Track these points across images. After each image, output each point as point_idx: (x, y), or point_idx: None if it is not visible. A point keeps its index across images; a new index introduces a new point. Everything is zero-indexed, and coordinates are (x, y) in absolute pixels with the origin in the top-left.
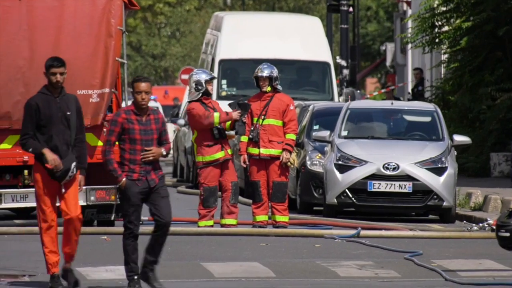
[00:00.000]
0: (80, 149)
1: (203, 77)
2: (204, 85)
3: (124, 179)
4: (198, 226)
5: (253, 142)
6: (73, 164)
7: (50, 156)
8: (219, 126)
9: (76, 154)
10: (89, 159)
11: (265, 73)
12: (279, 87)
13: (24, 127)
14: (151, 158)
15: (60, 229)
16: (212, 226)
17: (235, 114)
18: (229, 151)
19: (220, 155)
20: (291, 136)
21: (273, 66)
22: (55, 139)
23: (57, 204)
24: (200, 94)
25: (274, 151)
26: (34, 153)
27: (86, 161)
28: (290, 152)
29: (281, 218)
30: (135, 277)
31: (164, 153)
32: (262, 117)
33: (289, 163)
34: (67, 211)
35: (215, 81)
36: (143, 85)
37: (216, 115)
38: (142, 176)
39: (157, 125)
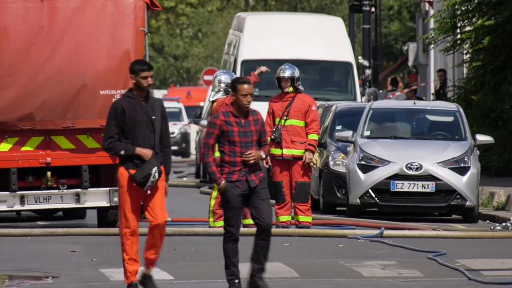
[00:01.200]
0: (166, 155)
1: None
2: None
3: (223, 182)
4: (212, 227)
5: (275, 143)
6: (154, 169)
7: (146, 152)
8: None
9: (161, 160)
10: (111, 161)
11: (287, 73)
12: (300, 87)
13: (108, 130)
14: (251, 161)
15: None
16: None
17: (259, 69)
18: None
19: None
20: (314, 137)
21: (295, 67)
22: (140, 144)
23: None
24: (224, 95)
25: (296, 152)
26: (127, 155)
27: (170, 168)
28: (313, 153)
29: (304, 218)
30: (236, 280)
31: (264, 156)
32: (284, 117)
33: (311, 164)
34: (154, 217)
35: None
36: (247, 87)
37: None
38: (242, 177)
39: (257, 127)
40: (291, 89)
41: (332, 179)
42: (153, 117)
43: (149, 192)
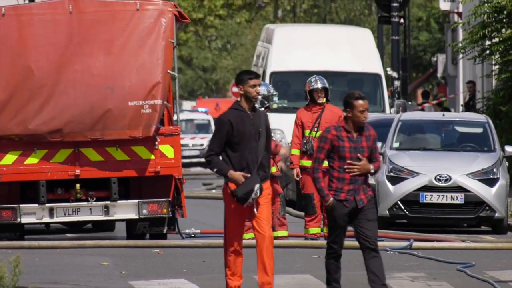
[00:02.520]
0: (267, 159)
1: (271, 90)
2: (268, 101)
3: (331, 199)
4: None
5: (307, 155)
6: (257, 186)
7: (237, 177)
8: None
9: (263, 176)
10: (140, 173)
11: (320, 84)
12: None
13: (211, 143)
14: (356, 171)
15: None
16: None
17: (283, 150)
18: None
19: (272, 169)
20: None
21: (323, 78)
22: (247, 157)
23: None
24: (263, 108)
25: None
26: (219, 174)
27: (270, 169)
28: None
29: None
30: None
31: (372, 170)
32: (315, 129)
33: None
34: (261, 230)
35: None
36: (363, 103)
37: None
38: (350, 196)
39: (368, 143)
40: (324, 100)
41: None
42: (260, 129)
43: (256, 211)
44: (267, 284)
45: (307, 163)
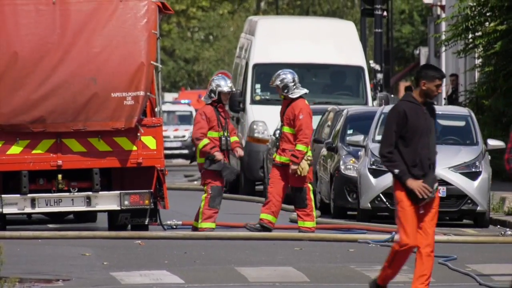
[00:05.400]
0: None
1: (221, 85)
2: (216, 95)
3: None
4: (199, 228)
5: (276, 147)
6: (436, 184)
7: (417, 185)
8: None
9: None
10: (123, 164)
11: (279, 82)
12: (293, 95)
13: (388, 136)
14: None
15: None
16: (214, 229)
17: (218, 154)
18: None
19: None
20: (298, 147)
21: (291, 73)
22: (420, 153)
23: None
24: (210, 101)
25: (285, 159)
26: (395, 175)
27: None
28: (297, 164)
29: (302, 223)
30: None
31: None
32: (282, 124)
33: (298, 172)
34: (423, 240)
35: (249, 85)
36: None
37: (203, 142)
38: None
39: None
40: (282, 96)
41: (343, 183)
42: (431, 125)
43: (421, 211)
44: None
45: (274, 155)
